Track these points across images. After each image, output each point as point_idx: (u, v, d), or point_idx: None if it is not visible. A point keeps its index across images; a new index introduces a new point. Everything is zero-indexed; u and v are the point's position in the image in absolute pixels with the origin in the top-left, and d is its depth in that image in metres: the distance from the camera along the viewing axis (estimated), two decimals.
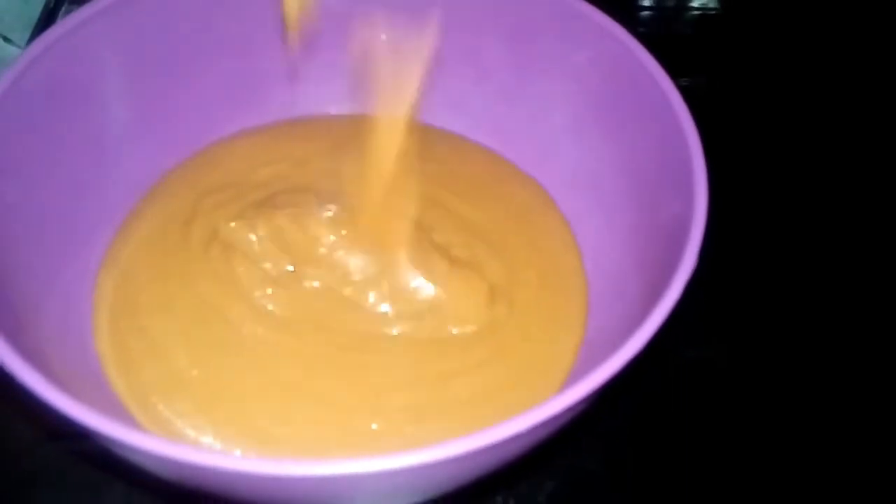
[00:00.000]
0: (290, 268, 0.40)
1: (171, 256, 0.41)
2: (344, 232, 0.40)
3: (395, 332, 0.39)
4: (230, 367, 0.38)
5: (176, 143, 0.44)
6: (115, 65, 0.40)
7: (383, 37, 0.36)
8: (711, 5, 0.58)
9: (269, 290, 0.40)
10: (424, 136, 0.45)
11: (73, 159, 0.39)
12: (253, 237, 0.40)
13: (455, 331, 0.39)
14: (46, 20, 0.54)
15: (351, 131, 0.45)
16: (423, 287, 0.39)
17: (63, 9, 0.55)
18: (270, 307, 0.39)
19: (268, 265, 0.40)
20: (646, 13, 0.59)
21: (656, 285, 0.32)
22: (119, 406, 0.36)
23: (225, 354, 0.38)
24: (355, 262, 0.40)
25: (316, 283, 0.40)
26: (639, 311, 0.31)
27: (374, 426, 0.36)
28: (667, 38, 0.57)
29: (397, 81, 0.37)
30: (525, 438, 0.28)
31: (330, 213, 0.41)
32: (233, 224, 0.41)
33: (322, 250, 0.40)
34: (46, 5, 0.55)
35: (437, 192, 0.44)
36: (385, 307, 0.40)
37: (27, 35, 0.53)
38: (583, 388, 0.27)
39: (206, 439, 0.36)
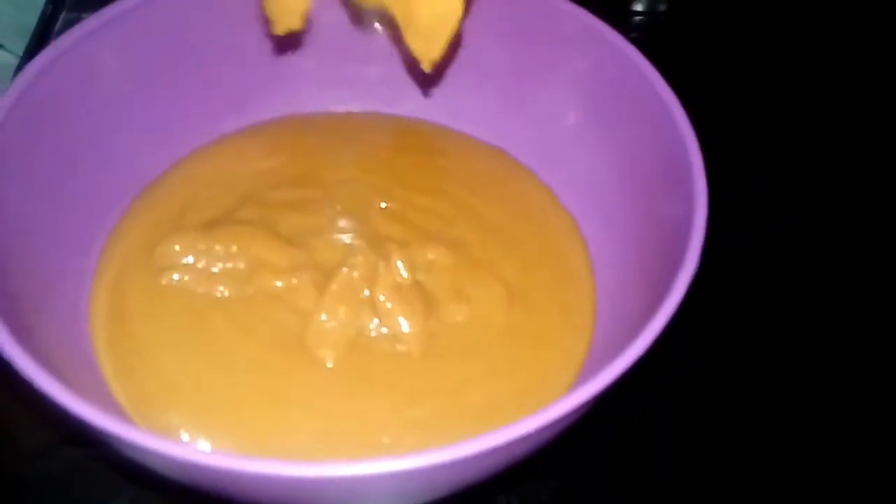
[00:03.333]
0: (279, 283, 0.39)
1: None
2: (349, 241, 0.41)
3: (404, 348, 0.38)
4: (222, 380, 0.37)
5: (174, 142, 0.45)
6: (116, 74, 0.41)
7: None
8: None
9: (256, 302, 0.39)
10: (430, 132, 0.47)
11: (70, 165, 0.40)
12: (234, 248, 0.40)
13: (471, 338, 0.39)
14: (45, 27, 0.54)
15: (352, 126, 0.47)
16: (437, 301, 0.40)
17: (62, 16, 0.55)
18: (260, 320, 0.39)
19: (250, 278, 0.40)
20: (637, 18, 0.59)
21: (659, 288, 0.32)
22: (121, 411, 0.36)
23: (215, 366, 0.37)
24: (352, 279, 0.39)
25: (306, 303, 0.39)
26: (643, 313, 0.32)
27: (385, 439, 0.36)
28: (659, 44, 0.56)
29: None
30: (527, 442, 0.29)
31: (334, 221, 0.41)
32: (218, 247, 0.40)
33: (313, 260, 0.40)
34: (44, 12, 0.55)
35: (451, 187, 0.44)
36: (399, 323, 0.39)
37: (21, 41, 0.54)
38: (579, 396, 0.28)
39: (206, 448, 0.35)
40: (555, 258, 0.42)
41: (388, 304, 0.38)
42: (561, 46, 0.42)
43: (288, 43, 0.45)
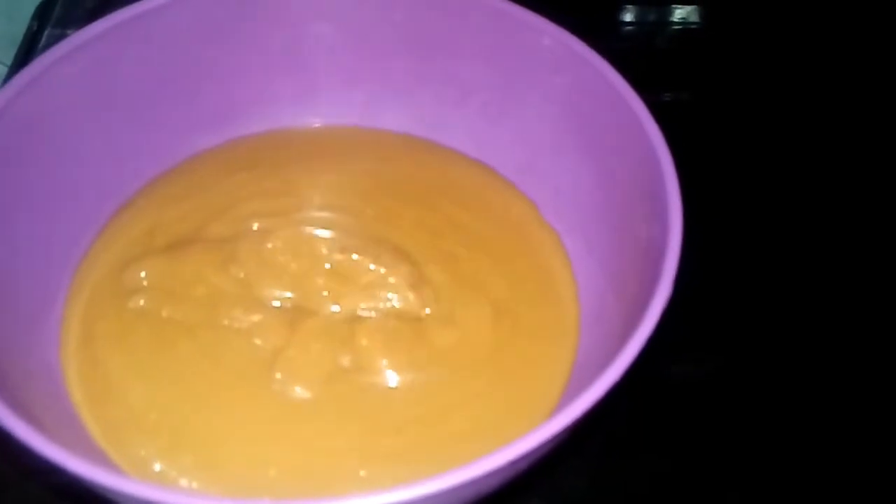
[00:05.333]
0: (244, 317, 0.38)
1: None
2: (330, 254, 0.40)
3: (387, 372, 0.37)
4: (191, 412, 0.36)
5: (149, 161, 0.44)
6: (90, 97, 0.40)
7: None
8: (693, 19, 0.59)
9: (224, 331, 0.38)
10: (414, 145, 0.46)
11: (42, 190, 0.39)
12: (200, 273, 0.39)
13: (456, 363, 0.38)
14: (30, 43, 0.55)
15: (334, 139, 0.46)
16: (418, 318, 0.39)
17: (47, 31, 0.56)
18: (229, 350, 0.38)
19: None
20: (627, 28, 0.59)
21: (636, 308, 0.32)
22: (93, 444, 0.35)
23: (183, 397, 0.36)
24: (326, 293, 0.39)
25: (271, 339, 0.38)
26: (624, 333, 0.31)
27: (362, 472, 0.34)
28: (648, 54, 0.57)
29: None
30: (503, 473, 0.28)
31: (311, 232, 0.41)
32: (184, 270, 0.39)
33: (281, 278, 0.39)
34: (30, 28, 0.56)
35: (437, 199, 0.44)
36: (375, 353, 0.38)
37: (12, 51, 0.54)
38: (555, 425, 0.28)
39: (183, 482, 0.34)
40: (540, 273, 0.42)
41: (371, 345, 0.38)
42: (542, 65, 0.42)
43: (267, 60, 0.45)
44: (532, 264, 0.42)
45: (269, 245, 0.40)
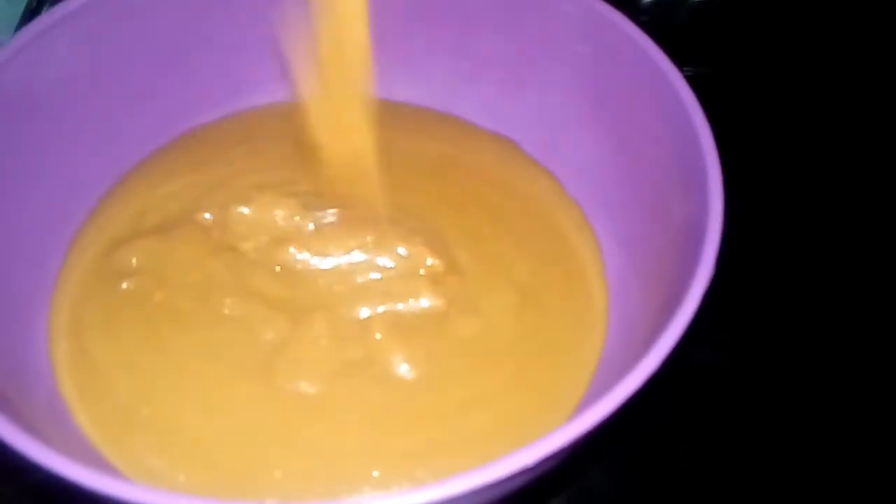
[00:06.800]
0: (240, 306, 0.36)
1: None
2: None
3: (402, 365, 0.35)
4: (187, 406, 0.34)
5: (144, 136, 0.42)
6: (81, 66, 0.39)
7: None
8: None
9: (220, 321, 0.36)
10: (429, 118, 0.44)
11: (28, 173, 0.38)
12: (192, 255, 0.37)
13: (478, 354, 0.36)
14: (29, 21, 0.52)
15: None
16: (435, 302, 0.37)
17: (45, 8, 0.53)
18: (224, 343, 0.35)
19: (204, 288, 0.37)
20: (646, 0, 0.56)
21: (670, 293, 0.30)
22: (83, 438, 0.34)
23: (176, 393, 0.34)
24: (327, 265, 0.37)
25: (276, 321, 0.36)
26: (655, 320, 0.30)
27: (375, 473, 0.33)
28: (667, 27, 0.55)
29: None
30: (527, 474, 0.26)
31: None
32: (176, 251, 0.37)
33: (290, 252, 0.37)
34: (28, 5, 0.54)
35: (457, 174, 0.42)
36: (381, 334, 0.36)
37: (11, 31, 0.53)
38: (587, 420, 0.26)
39: (180, 480, 0.33)
40: (565, 254, 0.40)
41: (385, 337, 0.36)
42: (562, 30, 0.40)
43: (270, 28, 0.42)
44: (557, 244, 0.40)
45: (268, 223, 0.38)
